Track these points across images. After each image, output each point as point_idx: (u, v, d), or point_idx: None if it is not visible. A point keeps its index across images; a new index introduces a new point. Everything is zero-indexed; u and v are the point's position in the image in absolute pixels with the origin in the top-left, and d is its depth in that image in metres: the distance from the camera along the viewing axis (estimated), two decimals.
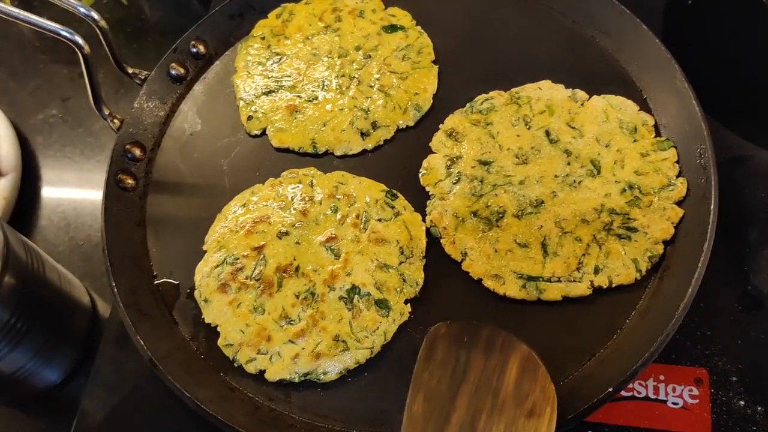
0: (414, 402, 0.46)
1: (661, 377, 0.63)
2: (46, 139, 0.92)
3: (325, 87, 0.75)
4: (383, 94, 0.74)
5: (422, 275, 0.62)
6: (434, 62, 0.76)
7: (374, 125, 0.72)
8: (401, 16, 0.80)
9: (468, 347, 0.49)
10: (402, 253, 0.63)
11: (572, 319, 0.60)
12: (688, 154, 0.64)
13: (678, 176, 0.65)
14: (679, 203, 0.63)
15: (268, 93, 0.76)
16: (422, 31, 0.78)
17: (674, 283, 0.58)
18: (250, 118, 0.74)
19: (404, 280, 0.62)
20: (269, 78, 0.77)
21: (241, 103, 0.76)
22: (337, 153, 0.72)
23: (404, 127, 0.73)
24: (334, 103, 0.74)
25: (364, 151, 0.72)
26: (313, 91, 0.75)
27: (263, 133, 0.74)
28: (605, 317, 0.59)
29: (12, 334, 0.62)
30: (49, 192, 0.87)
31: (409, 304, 0.61)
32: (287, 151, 0.73)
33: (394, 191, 0.67)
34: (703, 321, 0.65)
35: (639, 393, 0.62)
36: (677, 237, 0.62)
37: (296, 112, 0.74)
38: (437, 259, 0.64)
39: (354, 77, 0.75)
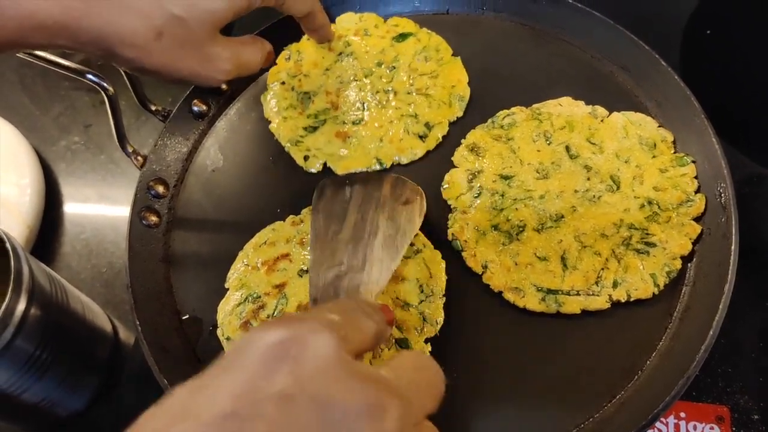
0: (315, 220, 0.60)
1: (682, 414, 0.63)
2: (69, 165, 0.93)
3: (366, 107, 0.76)
4: (423, 96, 0.75)
5: (442, 314, 0.62)
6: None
7: (428, 126, 0.74)
8: (404, 24, 0.81)
9: (350, 184, 0.62)
10: (422, 291, 0.63)
11: (592, 358, 0.60)
12: (708, 193, 0.64)
13: (696, 192, 0.65)
14: (697, 219, 0.64)
15: (313, 130, 0.76)
16: (429, 31, 0.80)
17: (695, 325, 0.58)
18: (306, 158, 0.74)
19: (424, 319, 0.62)
20: (308, 117, 0.77)
21: (291, 147, 0.75)
22: (404, 162, 0.73)
23: (455, 119, 0.74)
24: (380, 119, 0.75)
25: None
26: (356, 114, 0.76)
27: (325, 167, 0.74)
28: (625, 357, 0.59)
29: (37, 365, 0.63)
30: (71, 219, 0.88)
31: (429, 344, 0.61)
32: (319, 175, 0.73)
33: None
34: (724, 357, 0.65)
35: (660, 431, 0.62)
36: (698, 276, 0.62)
37: (348, 137, 0.75)
38: (457, 272, 0.65)
39: (388, 90, 0.76)
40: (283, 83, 0.80)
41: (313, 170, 0.74)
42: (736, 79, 0.84)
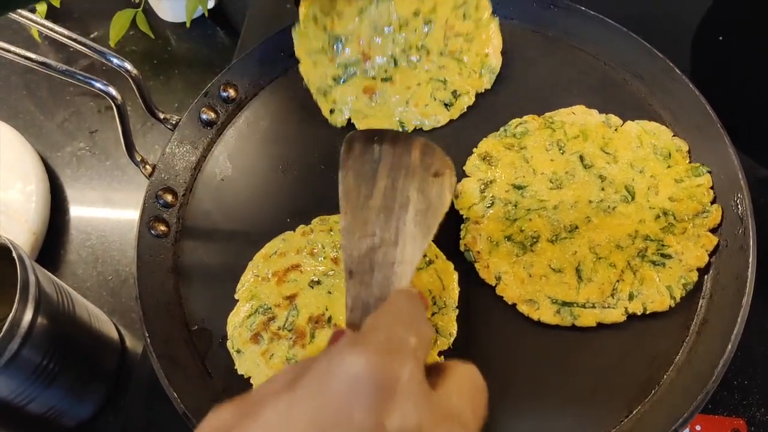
0: (345, 178, 0.56)
1: (698, 428, 0.63)
2: (74, 172, 0.93)
3: (397, 64, 0.76)
4: (455, 61, 0.75)
5: (455, 326, 0.62)
6: None
7: (455, 94, 0.74)
8: None
9: (378, 142, 0.58)
10: (434, 303, 0.63)
11: (608, 372, 0.59)
12: (724, 204, 0.64)
13: (712, 203, 0.64)
14: (713, 230, 0.63)
15: (341, 81, 0.76)
16: None
17: (713, 338, 0.57)
18: (332, 111, 0.75)
19: (437, 331, 0.61)
20: (337, 66, 0.76)
21: (319, 96, 0.76)
22: (426, 128, 0.73)
23: (482, 91, 0.75)
24: (409, 80, 0.75)
25: None
26: (386, 70, 0.75)
27: (349, 123, 0.75)
28: (642, 371, 0.58)
29: (44, 375, 0.62)
30: (77, 226, 0.88)
31: (442, 357, 0.61)
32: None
33: None
34: (740, 370, 0.64)
35: None
36: (715, 289, 0.61)
37: (374, 94, 0.75)
38: (470, 284, 0.64)
39: (421, 47, 0.76)
40: (316, 19, 0.77)
41: (338, 125, 0.74)
42: (749, 85, 0.83)
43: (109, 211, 0.89)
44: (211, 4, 1.02)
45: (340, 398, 0.33)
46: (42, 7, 0.94)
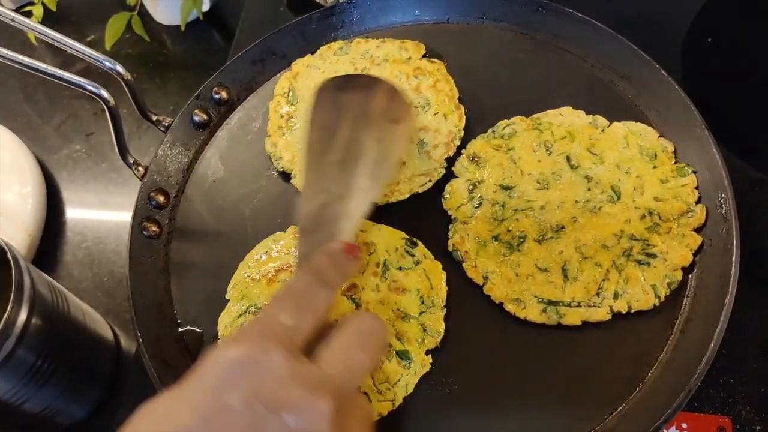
0: (309, 133, 0.57)
1: (684, 425, 0.63)
2: (70, 174, 0.94)
3: None
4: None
5: (443, 325, 0.62)
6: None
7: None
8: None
9: (346, 90, 0.59)
10: (422, 302, 0.63)
11: (593, 370, 0.59)
12: (709, 204, 0.64)
13: (697, 203, 0.65)
14: (698, 230, 0.64)
15: None
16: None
17: (696, 336, 0.58)
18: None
19: (425, 330, 0.62)
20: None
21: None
22: None
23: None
24: None
25: None
26: None
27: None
28: (627, 369, 0.59)
29: (39, 375, 0.63)
30: (73, 227, 0.89)
31: (429, 355, 0.61)
32: None
33: (414, 239, 0.67)
34: (725, 368, 0.65)
35: None
36: (699, 288, 0.61)
37: None
38: (458, 283, 0.65)
39: None
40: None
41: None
42: (739, 87, 0.84)
43: (104, 213, 0.90)
44: (206, 7, 1.02)
45: (213, 387, 0.37)
46: (39, 11, 0.95)
